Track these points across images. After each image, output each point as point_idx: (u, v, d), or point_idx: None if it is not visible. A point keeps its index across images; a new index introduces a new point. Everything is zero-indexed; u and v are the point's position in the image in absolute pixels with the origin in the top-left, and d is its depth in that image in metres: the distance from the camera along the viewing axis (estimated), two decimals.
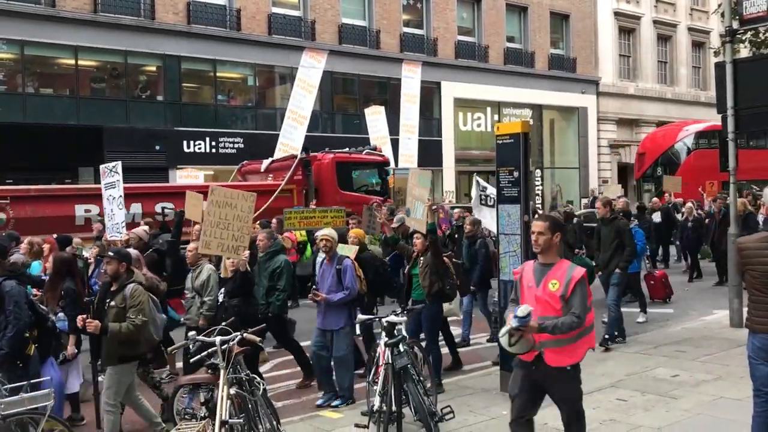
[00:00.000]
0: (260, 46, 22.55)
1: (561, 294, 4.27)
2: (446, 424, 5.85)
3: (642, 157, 29.07)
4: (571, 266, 4.39)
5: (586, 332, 4.38)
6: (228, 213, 7.07)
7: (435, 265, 7.33)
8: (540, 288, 4.36)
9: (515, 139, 7.16)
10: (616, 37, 33.09)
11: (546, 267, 4.40)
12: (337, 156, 16.76)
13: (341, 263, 7.18)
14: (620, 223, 9.32)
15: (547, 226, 4.38)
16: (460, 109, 28.15)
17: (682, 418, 6.16)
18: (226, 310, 6.95)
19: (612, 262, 9.08)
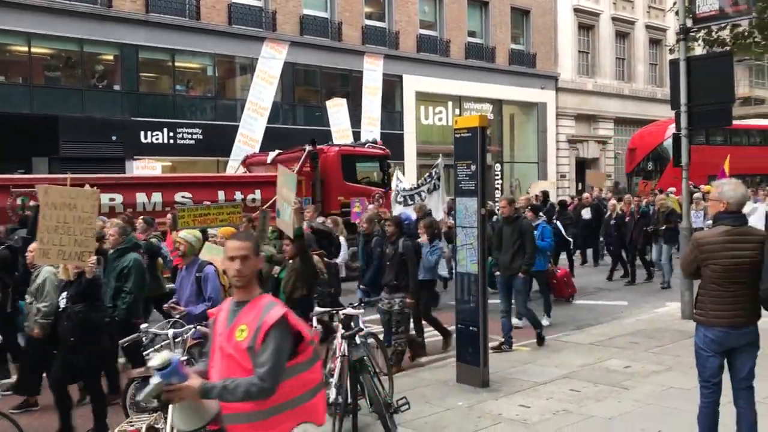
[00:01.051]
0: (220, 36, 22.26)
1: (248, 345, 3.04)
2: (402, 415, 5.87)
3: (633, 152, 30.05)
4: (268, 305, 3.14)
5: (291, 405, 3.16)
6: (67, 215, 6.10)
7: (303, 272, 6.87)
8: (225, 336, 3.15)
9: (473, 133, 7.20)
10: (575, 34, 33.52)
11: (240, 306, 3.18)
12: (342, 149, 17.22)
13: (202, 270, 6.36)
14: (523, 222, 8.97)
15: (252, 247, 3.23)
16: (421, 103, 28.23)
17: (632, 408, 6.30)
18: (68, 317, 6.09)
19: (513, 264, 8.70)
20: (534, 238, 9.00)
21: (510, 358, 8.33)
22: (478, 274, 7.12)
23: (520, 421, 6.05)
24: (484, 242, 7.23)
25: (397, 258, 7.98)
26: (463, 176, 7.28)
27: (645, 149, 29.64)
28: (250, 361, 3.02)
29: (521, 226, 8.78)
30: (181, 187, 14.26)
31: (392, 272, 8.01)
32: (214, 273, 6.36)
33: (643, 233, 14.06)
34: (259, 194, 14.69)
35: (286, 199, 7.09)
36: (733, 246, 4.57)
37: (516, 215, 8.97)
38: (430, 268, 8.85)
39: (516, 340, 9.38)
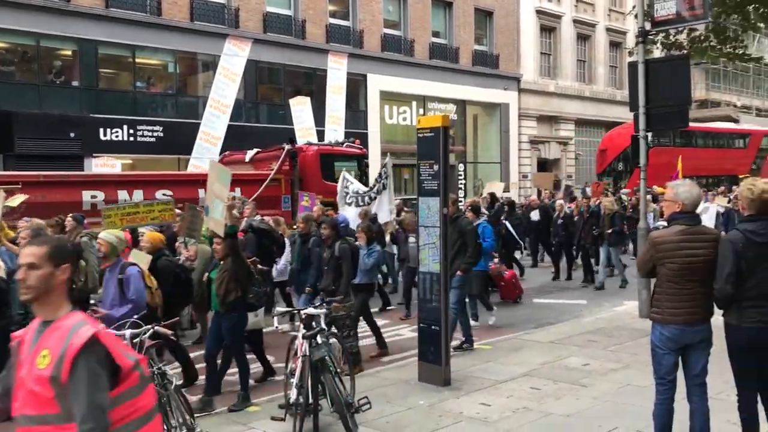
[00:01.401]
0: (182, 32, 21.97)
1: (51, 375, 2.50)
2: (363, 414, 5.87)
3: (603, 153, 30.85)
4: (76, 325, 2.57)
5: None
6: None
7: (235, 272, 6.64)
8: (27, 363, 2.60)
9: (436, 132, 7.24)
10: (537, 35, 33.89)
11: (44, 327, 2.64)
12: (320, 148, 17.44)
13: (124, 271, 6.23)
14: (463, 222, 8.77)
15: (44, 254, 2.64)
16: (386, 102, 28.26)
17: (590, 405, 6.39)
18: None
19: (454, 263, 8.39)
20: (476, 238, 8.82)
21: (472, 356, 8.39)
22: (440, 273, 7.15)
23: (481, 419, 6.10)
24: (447, 241, 7.27)
25: (334, 262, 7.85)
26: (426, 176, 7.30)
27: (615, 150, 30.41)
28: (52, 392, 2.48)
29: (461, 226, 8.60)
30: (163, 184, 14.13)
31: (329, 277, 7.87)
32: (137, 274, 6.27)
33: (591, 235, 14.05)
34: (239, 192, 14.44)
35: (218, 195, 6.76)
36: (688, 245, 4.66)
37: (456, 215, 8.77)
38: (367, 271, 8.59)
39: (477, 339, 9.47)
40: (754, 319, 4.56)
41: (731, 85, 44.70)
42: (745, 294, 4.55)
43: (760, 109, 45.82)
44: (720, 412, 5.19)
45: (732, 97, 43.84)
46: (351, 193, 13.35)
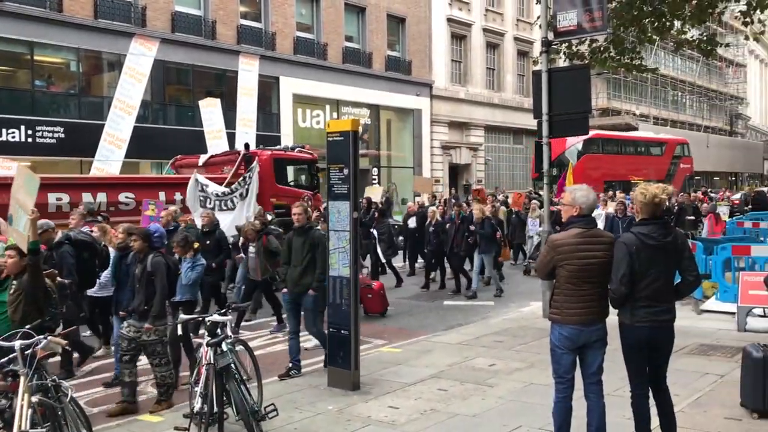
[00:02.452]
0: (85, 30, 21.10)
1: None
2: (270, 422, 5.78)
3: None
4: None
5: None
6: None
7: (32, 294, 5.84)
8: None
9: (345, 136, 7.23)
10: (448, 43, 34.51)
11: None
12: (274, 153, 17.72)
13: None
14: (315, 233, 7.98)
15: None
16: (299, 105, 28.07)
17: (496, 404, 6.53)
18: None
19: (304, 279, 7.79)
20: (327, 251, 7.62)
21: (381, 359, 8.42)
22: (350, 277, 7.14)
23: (389, 422, 6.12)
24: (357, 245, 7.27)
25: (146, 278, 6.91)
26: (336, 180, 7.28)
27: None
28: None
29: (313, 238, 7.86)
30: (126, 187, 14.24)
31: (141, 295, 6.91)
32: None
33: (465, 241, 13.59)
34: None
35: (22, 205, 5.84)
36: (585, 247, 4.84)
37: (309, 225, 8.07)
38: (189, 286, 7.85)
39: (388, 342, 9.54)
40: (646, 319, 4.77)
41: (631, 95, 46.93)
42: (638, 294, 4.77)
43: (657, 117, 48.29)
44: (616, 408, 5.42)
45: (632, 105, 46.03)
46: (211, 197, 12.78)
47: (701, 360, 7.89)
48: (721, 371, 7.34)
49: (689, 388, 6.74)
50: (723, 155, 50.07)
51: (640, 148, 37.20)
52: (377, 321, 11.21)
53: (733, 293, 10.09)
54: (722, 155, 49.81)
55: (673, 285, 4.89)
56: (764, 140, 71.82)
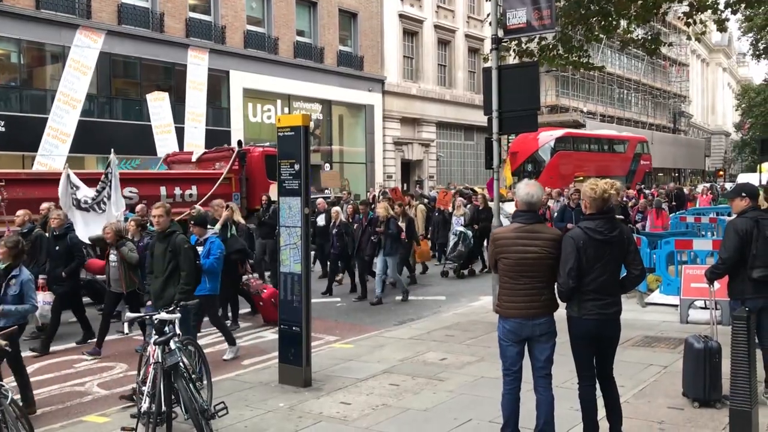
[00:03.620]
0: (26, 20, 20.43)
1: None
2: (220, 420, 5.70)
3: (515, 156, 33.08)
4: None
5: None
6: None
7: None
8: None
9: (296, 131, 7.19)
10: (400, 39, 34.57)
11: None
12: (265, 149, 18.37)
13: None
14: (177, 239, 7.04)
15: None
16: (249, 100, 27.75)
17: (446, 398, 6.58)
18: None
19: (166, 292, 6.93)
20: (192, 258, 7.10)
21: (334, 355, 8.41)
22: (301, 273, 7.10)
23: (340, 418, 6.11)
24: (308, 242, 7.23)
25: None
26: (287, 175, 7.24)
27: (525, 154, 33.55)
28: None
29: (174, 244, 7.00)
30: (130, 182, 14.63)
31: None
32: None
33: (370, 243, 12.61)
34: (196, 189, 15.90)
35: None
36: (522, 242, 4.91)
37: (171, 230, 7.12)
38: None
39: (340, 337, 9.53)
40: (593, 312, 4.86)
41: (579, 92, 47.77)
42: (585, 288, 4.86)
43: (603, 114, 49.27)
44: (564, 399, 5.51)
45: (579, 103, 46.85)
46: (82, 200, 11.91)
47: (646, 352, 8.09)
48: (664, 362, 7.54)
49: (634, 379, 6.91)
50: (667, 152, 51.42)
51: (606, 146, 39.23)
52: (329, 317, 11.17)
53: (676, 286, 10.39)
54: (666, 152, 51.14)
55: (619, 278, 5.00)
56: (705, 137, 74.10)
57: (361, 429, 5.83)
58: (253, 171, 17.66)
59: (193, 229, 8.65)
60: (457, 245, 15.06)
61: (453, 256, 15.18)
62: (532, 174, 32.66)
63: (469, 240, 15.11)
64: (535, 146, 33.50)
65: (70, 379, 7.93)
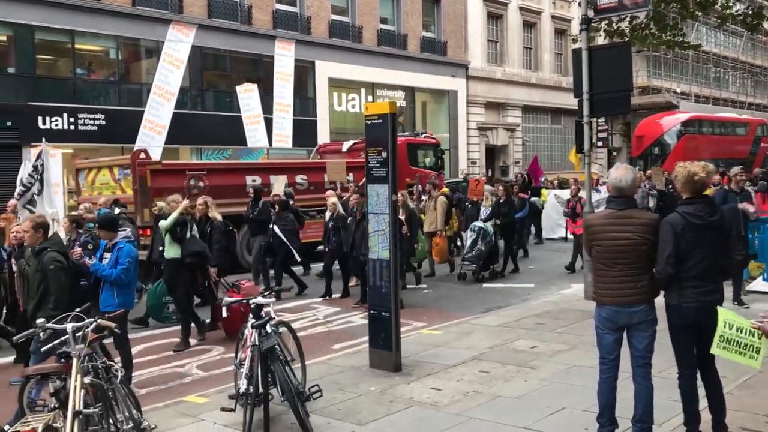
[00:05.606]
0: (123, 17, 21.38)
1: None
2: (314, 402, 5.85)
3: (641, 139, 34.14)
4: None
5: None
6: None
7: None
8: None
9: (383, 119, 7.24)
10: (484, 23, 34.10)
11: None
12: (407, 138, 20.11)
13: None
14: (45, 258, 6.07)
15: None
16: (334, 90, 28.08)
17: (538, 386, 6.50)
18: None
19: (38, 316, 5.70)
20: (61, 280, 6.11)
21: (422, 341, 8.45)
22: (390, 259, 7.16)
23: (431, 403, 6.15)
24: (396, 228, 7.28)
25: None
26: (374, 163, 7.30)
27: (650, 138, 34.33)
28: None
29: (43, 264, 6.05)
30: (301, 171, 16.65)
31: None
32: None
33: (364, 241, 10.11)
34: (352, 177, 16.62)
35: None
36: (613, 228, 4.78)
37: (41, 247, 6.14)
38: None
39: (428, 324, 9.56)
40: (693, 299, 4.70)
41: (671, 72, 45.79)
42: (685, 274, 4.69)
43: (698, 95, 47.10)
44: (663, 389, 5.34)
45: (672, 83, 44.94)
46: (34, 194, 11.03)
47: None
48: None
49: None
50: None
51: (729, 129, 38.56)
52: (417, 303, 11.21)
53: None
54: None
55: (720, 265, 4.80)
56: None
57: (453, 415, 5.84)
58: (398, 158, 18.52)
59: (100, 233, 7.32)
60: (475, 243, 13.10)
61: (471, 256, 13.14)
62: (658, 158, 32.99)
63: (489, 237, 13.10)
64: (660, 130, 33.66)
65: (171, 361, 8.31)
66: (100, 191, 14.69)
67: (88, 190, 15.24)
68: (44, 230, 6.16)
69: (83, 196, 15.27)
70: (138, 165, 13.69)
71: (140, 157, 13.95)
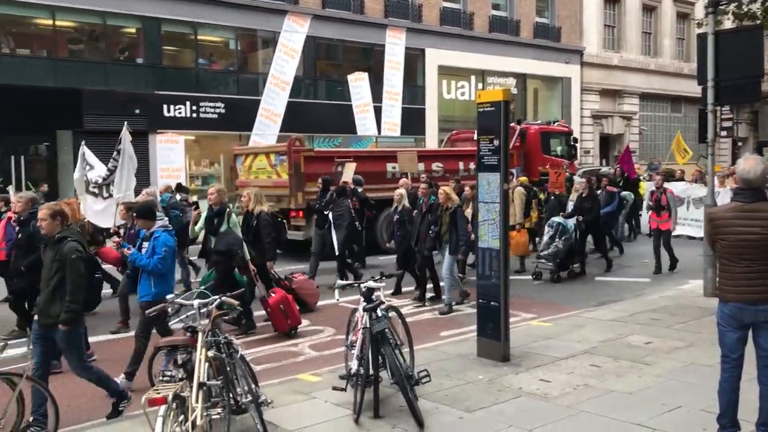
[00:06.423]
0: (242, 9, 22.23)
1: None
2: (422, 387, 5.93)
3: None
4: None
5: None
6: None
7: None
8: None
9: (496, 107, 7.16)
10: (601, 7, 32.95)
11: None
12: (540, 127, 20.33)
13: None
14: (65, 247, 5.71)
15: None
16: (444, 77, 28.02)
17: (653, 383, 6.29)
18: None
19: (52, 309, 5.67)
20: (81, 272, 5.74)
21: (531, 332, 8.35)
22: (500, 249, 7.12)
23: (541, 395, 6.08)
24: (506, 217, 7.22)
25: None
26: (486, 151, 7.25)
27: None
28: None
29: (62, 253, 5.71)
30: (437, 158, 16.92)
31: None
32: None
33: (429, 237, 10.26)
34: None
35: None
36: (740, 222, 4.53)
37: (60, 236, 5.83)
38: None
39: (537, 315, 9.44)
40: None
41: None
42: None
43: None
44: None
45: None
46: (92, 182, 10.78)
47: None
48: None
49: None
50: None
51: None
52: (526, 294, 11.06)
53: None
54: None
55: None
56: None
57: (562, 407, 5.76)
58: (530, 146, 19.09)
59: (137, 222, 7.40)
60: (552, 240, 12.23)
61: (547, 253, 12.25)
62: None
63: (569, 233, 12.24)
64: None
65: (284, 340, 8.63)
66: (257, 175, 15.71)
67: (245, 173, 16.26)
68: (62, 218, 5.92)
69: (240, 179, 16.52)
70: (293, 152, 14.53)
71: (295, 145, 14.74)
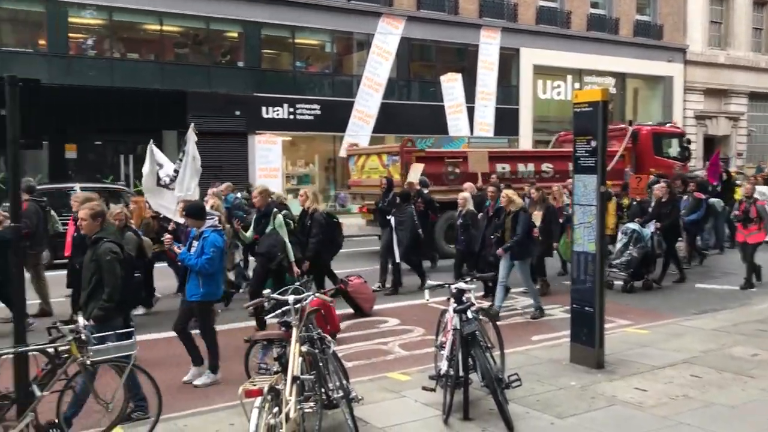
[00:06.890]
0: (338, 12, 22.63)
1: None
2: (513, 391, 5.85)
3: None
4: None
5: None
6: None
7: None
8: None
9: (594, 107, 6.99)
10: (707, 3, 31.50)
11: None
12: (652, 128, 20.09)
13: None
14: (101, 248, 5.79)
15: None
16: (539, 77, 27.55)
17: (759, 396, 5.98)
18: None
19: (89, 308, 5.79)
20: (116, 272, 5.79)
21: (627, 339, 8.10)
22: (595, 253, 6.95)
23: (635, 404, 5.90)
24: (603, 220, 7.04)
25: None
26: (582, 152, 7.09)
27: None
28: None
29: (98, 255, 5.78)
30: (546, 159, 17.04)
31: None
32: None
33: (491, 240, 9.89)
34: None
35: None
36: None
37: (97, 237, 5.88)
38: None
39: (633, 322, 9.15)
40: None
41: None
42: None
43: None
44: None
45: None
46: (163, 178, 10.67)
47: None
48: None
49: None
50: None
51: None
52: (621, 300, 10.73)
53: None
54: None
55: None
56: None
57: (659, 417, 5.57)
58: (642, 147, 18.98)
59: (187, 221, 7.34)
60: (626, 247, 11.45)
61: (619, 262, 11.46)
62: None
63: (644, 241, 11.41)
64: None
65: (374, 338, 8.73)
66: (369, 175, 16.21)
67: (358, 173, 16.88)
68: (102, 219, 6.00)
69: (353, 178, 17.22)
70: (405, 152, 14.96)
71: (407, 146, 15.13)
